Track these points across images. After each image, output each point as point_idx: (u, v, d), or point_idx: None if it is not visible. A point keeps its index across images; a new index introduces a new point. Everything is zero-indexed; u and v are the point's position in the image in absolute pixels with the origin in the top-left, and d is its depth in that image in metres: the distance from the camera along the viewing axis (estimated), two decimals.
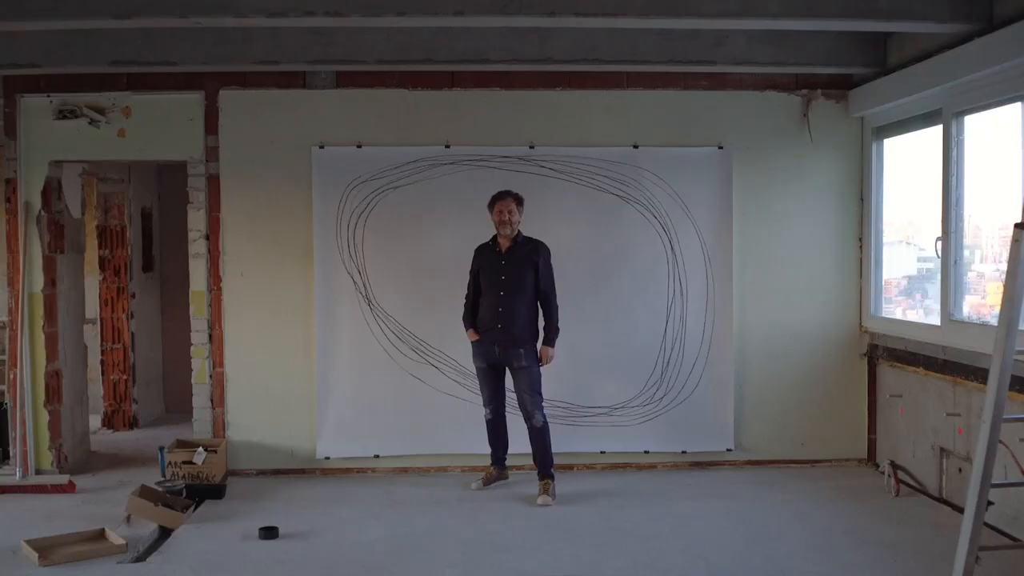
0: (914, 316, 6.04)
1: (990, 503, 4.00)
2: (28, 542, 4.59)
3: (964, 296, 5.20)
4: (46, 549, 4.53)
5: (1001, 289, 3.72)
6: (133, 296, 7.70)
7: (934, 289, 5.52)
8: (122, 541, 4.65)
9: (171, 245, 8.15)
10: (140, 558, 4.56)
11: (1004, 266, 3.90)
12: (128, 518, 5.03)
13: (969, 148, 5.17)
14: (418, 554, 4.56)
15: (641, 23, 4.53)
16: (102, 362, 7.61)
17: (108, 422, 7.59)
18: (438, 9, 4.33)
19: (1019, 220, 3.71)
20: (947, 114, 5.17)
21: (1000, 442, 3.90)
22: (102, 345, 7.60)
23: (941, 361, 5.24)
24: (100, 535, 4.78)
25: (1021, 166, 4.59)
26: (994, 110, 4.94)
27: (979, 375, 4.79)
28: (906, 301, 6.30)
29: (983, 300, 5.35)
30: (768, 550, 4.57)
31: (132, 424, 7.65)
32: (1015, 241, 3.69)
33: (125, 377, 7.63)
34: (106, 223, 7.55)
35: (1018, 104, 4.66)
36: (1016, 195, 4.67)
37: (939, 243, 5.20)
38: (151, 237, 8.05)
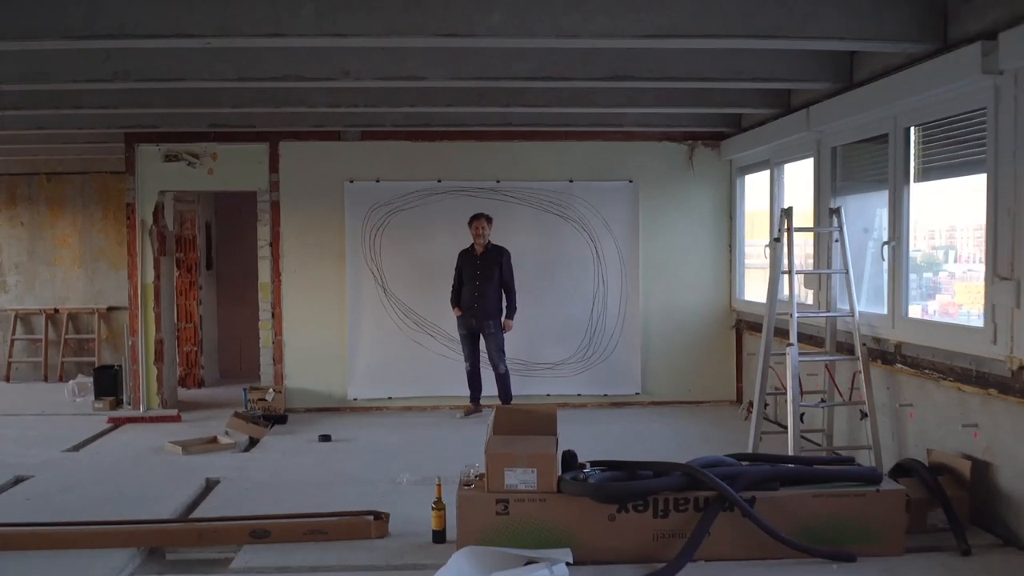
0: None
1: (766, 405, 6.59)
2: (170, 443, 7.06)
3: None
4: (184, 447, 7.00)
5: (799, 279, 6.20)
6: (200, 288, 10.08)
7: None
8: (231, 441, 7.15)
9: (225, 249, 10.53)
10: (246, 450, 7.07)
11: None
12: (227, 432, 7.50)
13: (789, 184, 7.76)
14: (423, 449, 7.07)
15: (565, 110, 7.07)
16: (178, 337, 9.95)
17: (182, 382, 9.91)
18: (436, 103, 6.82)
19: (775, 235, 6.30)
20: (772, 163, 7.76)
21: (770, 367, 6.50)
22: (178, 324, 9.94)
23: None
24: (214, 440, 7.26)
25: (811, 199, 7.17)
26: (801, 161, 7.50)
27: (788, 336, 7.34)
28: None
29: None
30: (647, 446, 7.13)
31: (200, 384, 10.04)
32: (772, 249, 6.29)
33: (195, 348, 10.04)
34: (181, 233, 9.87)
35: (811, 159, 7.17)
36: (808, 217, 7.25)
37: (767, 248, 7.76)
38: (211, 243, 10.45)
